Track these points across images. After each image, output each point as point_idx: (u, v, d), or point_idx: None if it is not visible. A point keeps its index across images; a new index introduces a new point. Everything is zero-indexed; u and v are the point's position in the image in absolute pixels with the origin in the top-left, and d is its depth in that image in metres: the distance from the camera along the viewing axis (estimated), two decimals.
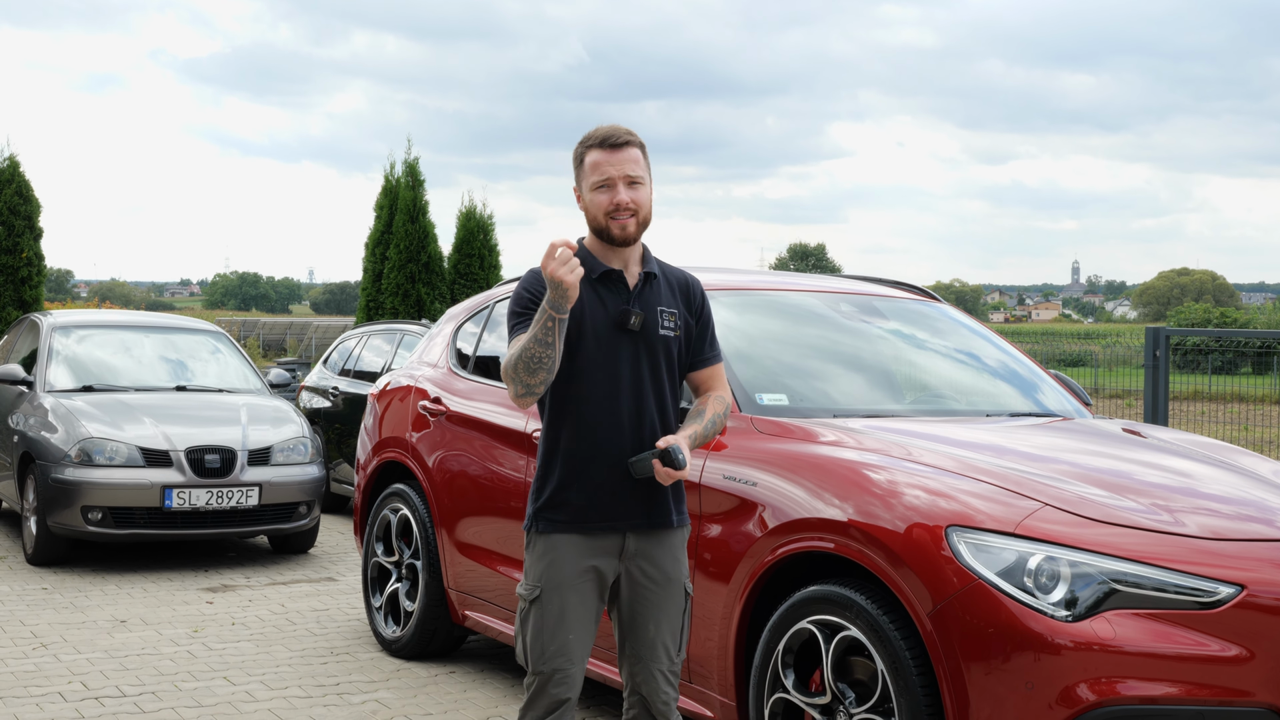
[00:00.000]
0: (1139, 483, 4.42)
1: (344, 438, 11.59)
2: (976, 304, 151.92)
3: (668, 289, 3.85)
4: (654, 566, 3.78)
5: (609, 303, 3.75)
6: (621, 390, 3.72)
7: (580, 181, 3.79)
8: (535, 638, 3.73)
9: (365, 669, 6.47)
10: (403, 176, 18.62)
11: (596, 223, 3.76)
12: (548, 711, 3.73)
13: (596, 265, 3.76)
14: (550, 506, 3.75)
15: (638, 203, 3.73)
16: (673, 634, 3.81)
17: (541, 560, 3.76)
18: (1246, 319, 50.35)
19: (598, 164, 3.73)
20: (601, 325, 3.73)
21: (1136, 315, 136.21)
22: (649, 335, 3.77)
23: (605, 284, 3.76)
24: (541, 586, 3.74)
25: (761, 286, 6.02)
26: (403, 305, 17.97)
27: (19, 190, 16.79)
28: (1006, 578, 3.88)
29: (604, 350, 3.72)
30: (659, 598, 3.79)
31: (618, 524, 3.74)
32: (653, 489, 3.75)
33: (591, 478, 3.72)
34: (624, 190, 3.72)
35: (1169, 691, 3.74)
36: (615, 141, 3.74)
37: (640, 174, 3.75)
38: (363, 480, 7.19)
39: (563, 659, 3.71)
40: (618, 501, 3.72)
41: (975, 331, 6.23)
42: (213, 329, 11.24)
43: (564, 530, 3.73)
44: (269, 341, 51.60)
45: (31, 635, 7.01)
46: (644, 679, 3.80)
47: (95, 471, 8.80)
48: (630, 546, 3.76)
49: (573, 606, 3.72)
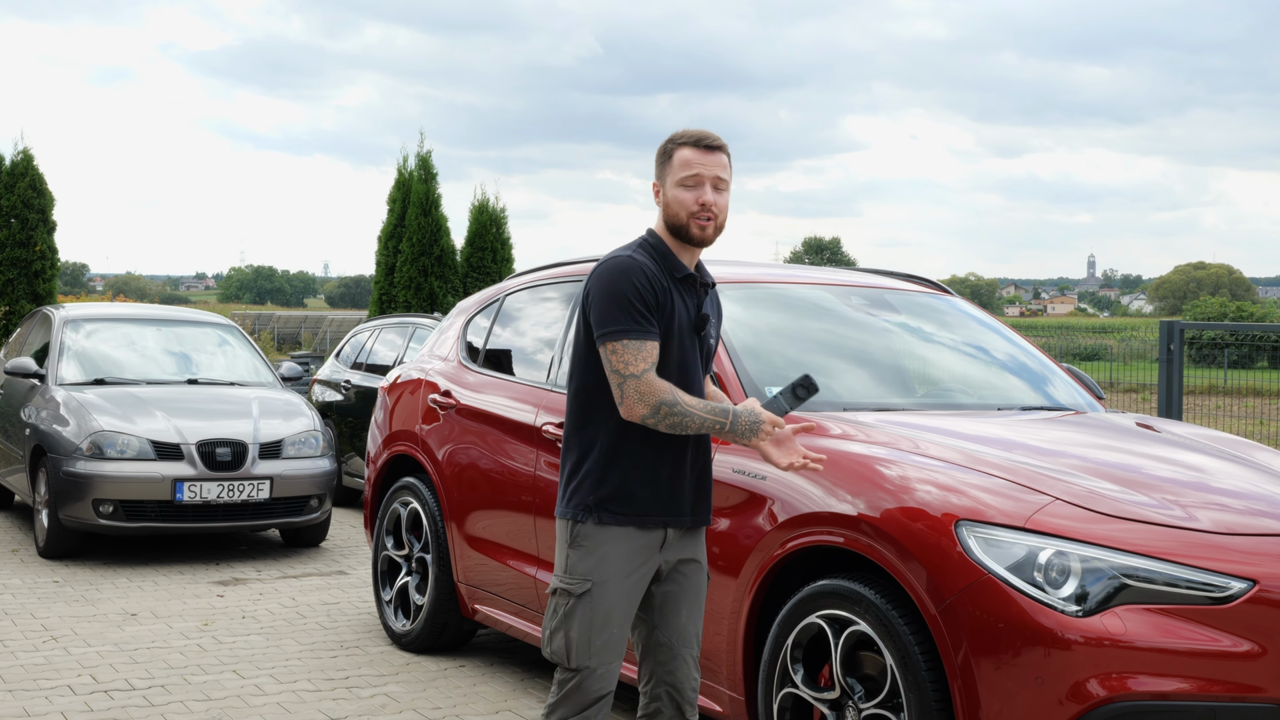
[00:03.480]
0: (1151, 477, 4.38)
1: (356, 431, 11.59)
2: (992, 298, 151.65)
3: (713, 295, 3.93)
4: (687, 554, 3.84)
5: (689, 305, 3.78)
6: (692, 391, 3.76)
7: (665, 177, 3.78)
8: (582, 632, 3.69)
9: (375, 662, 6.46)
10: (415, 170, 18.62)
11: (677, 220, 3.74)
12: (583, 707, 3.71)
13: (679, 266, 3.77)
14: (614, 498, 3.71)
15: (720, 207, 3.75)
16: (700, 620, 3.88)
17: (594, 554, 3.71)
18: (1263, 313, 50.20)
19: (689, 161, 3.73)
20: (684, 327, 3.76)
21: (1152, 309, 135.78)
22: (706, 341, 3.84)
23: (685, 286, 3.79)
24: (593, 580, 3.70)
25: (772, 280, 5.99)
26: (415, 299, 17.96)
27: (33, 184, 16.81)
28: (1017, 572, 3.85)
29: (683, 351, 3.77)
30: (691, 584, 3.85)
31: (672, 520, 3.77)
32: (698, 484, 3.82)
33: (658, 475, 3.73)
34: (711, 192, 3.73)
35: (1180, 687, 3.71)
36: (710, 143, 3.76)
37: (727, 180, 3.78)
38: (373, 473, 7.18)
39: (609, 653, 3.70)
40: (675, 499, 3.77)
41: (986, 325, 6.19)
42: (224, 322, 11.25)
43: (624, 524, 3.71)
44: (284, 335, 51.69)
45: (42, 628, 7.02)
46: (675, 666, 3.82)
47: (106, 465, 8.81)
48: (670, 538, 3.80)
49: (622, 602, 3.72)
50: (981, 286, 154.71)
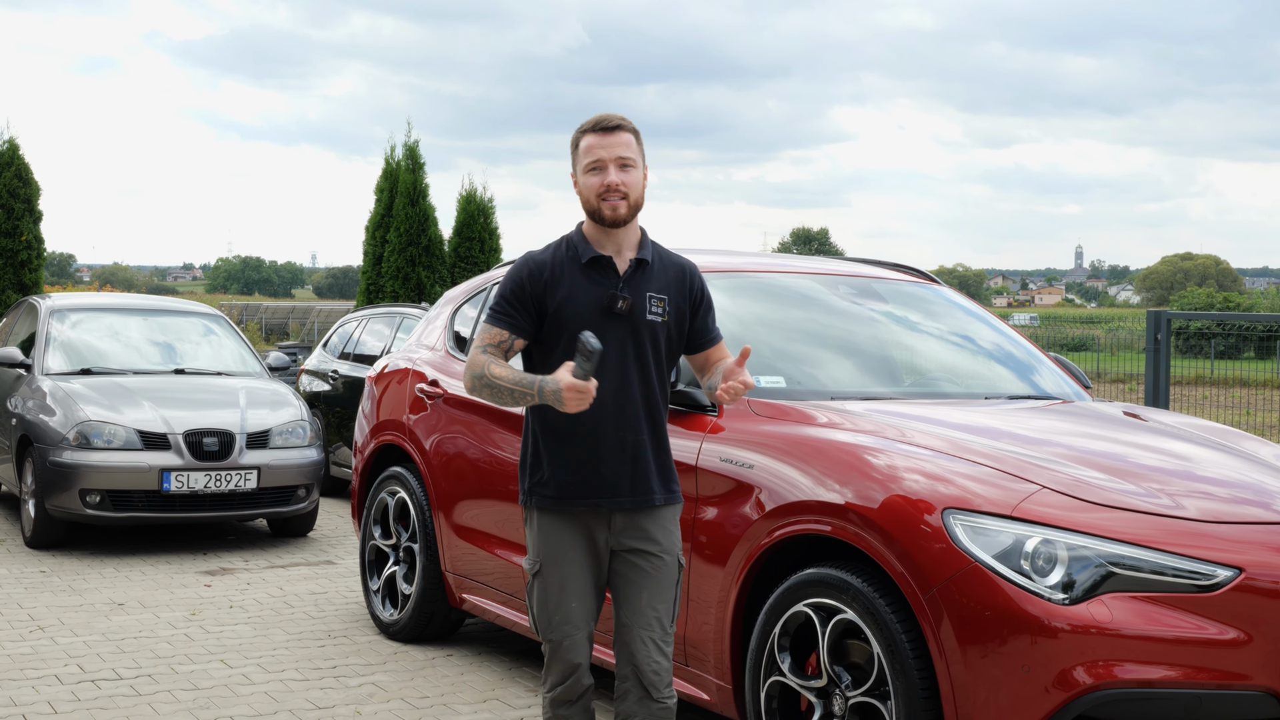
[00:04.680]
0: (1138, 466, 4.39)
1: (344, 421, 11.57)
2: (980, 288, 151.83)
3: (661, 274, 3.92)
4: (644, 538, 3.88)
5: (598, 287, 3.84)
6: (606, 372, 3.79)
7: (575, 166, 3.91)
8: (541, 608, 3.90)
9: (363, 652, 6.46)
10: (403, 160, 18.58)
11: (589, 205, 3.86)
12: (564, 676, 3.89)
13: (587, 250, 3.86)
14: (543, 484, 3.88)
15: (628, 185, 3.82)
16: (665, 605, 3.89)
17: (539, 535, 3.91)
18: (1250, 304, 50.26)
19: (591, 147, 3.85)
20: (589, 309, 3.82)
21: (1140, 300, 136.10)
22: (636, 320, 3.86)
23: (595, 269, 3.86)
24: (541, 560, 3.90)
25: (759, 269, 5.99)
26: (403, 289, 17.94)
27: (18, 173, 16.75)
28: (1003, 560, 3.86)
29: (597, 333, 3.75)
30: (651, 566, 3.88)
31: (601, 501, 3.84)
32: (636, 466, 3.85)
33: (576, 456, 3.83)
34: (615, 172, 3.81)
35: (1167, 675, 3.72)
36: (608, 125, 3.85)
37: (632, 157, 3.84)
38: (360, 463, 7.17)
39: (569, 626, 3.86)
40: (601, 479, 3.83)
41: (974, 314, 6.19)
42: (211, 312, 11.22)
43: (554, 507, 3.86)
44: (272, 326, 51.57)
45: (29, 618, 7.00)
46: (636, 647, 3.86)
47: (93, 454, 8.79)
48: (618, 522, 3.87)
49: (573, 577, 3.87)
50: (969, 277, 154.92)
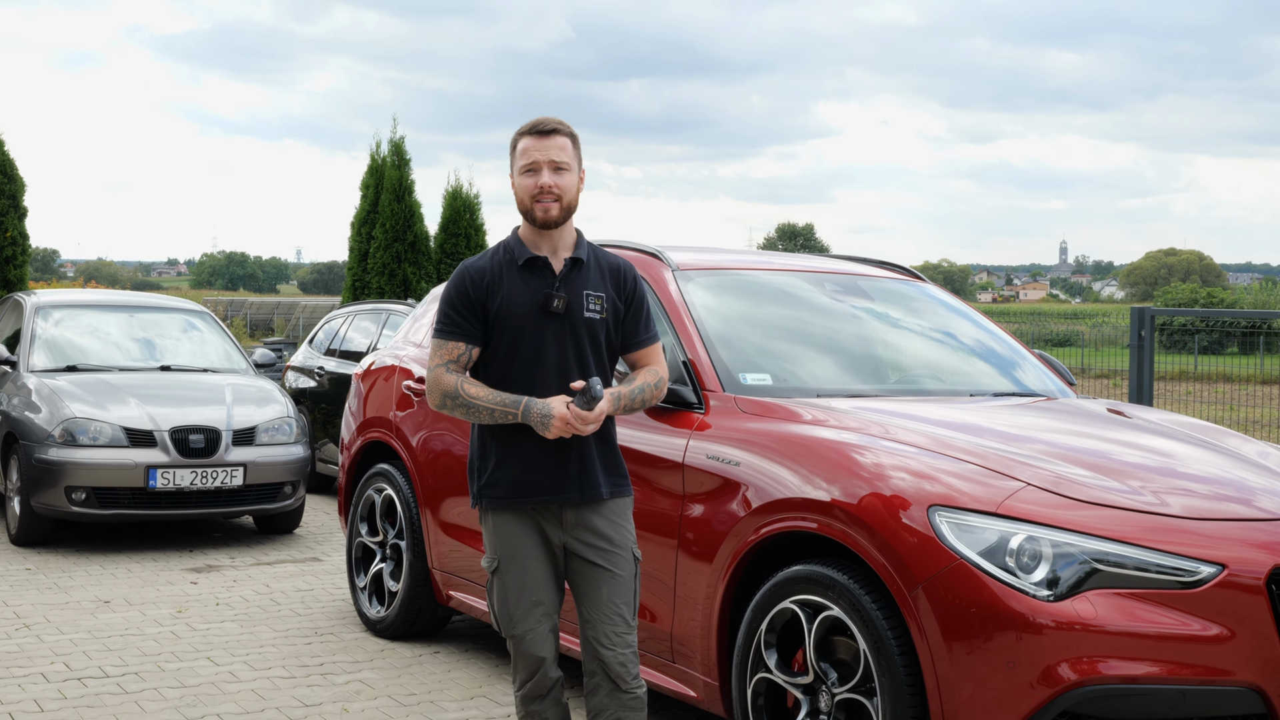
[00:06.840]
0: (1122, 463, 4.41)
1: (330, 418, 11.57)
2: (964, 284, 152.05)
3: (597, 273, 4.00)
4: (596, 534, 3.95)
5: (534, 287, 3.91)
6: (547, 371, 3.89)
7: (512, 167, 4.00)
8: (502, 605, 3.99)
9: (349, 649, 6.46)
10: (388, 155, 18.53)
11: (523, 205, 3.95)
12: (531, 672, 3.97)
13: (523, 252, 3.94)
14: (490, 485, 3.97)
15: (561, 188, 3.90)
16: (625, 599, 3.97)
17: (494, 534, 4.00)
18: (1233, 299, 50.40)
19: (526, 149, 3.94)
20: (526, 309, 3.90)
21: (1124, 295, 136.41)
22: (574, 318, 3.93)
23: (531, 270, 3.94)
24: (499, 558, 3.98)
25: (744, 266, 6.00)
26: (389, 285, 17.90)
27: (3, 168, 16.66)
28: (988, 557, 3.88)
29: (529, 333, 3.90)
30: (607, 562, 3.96)
31: (549, 499, 3.91)
32: (582, 463, 3.92)
33: (522, 455, 3.92)
34: (548, 174, 3.89)
35: (1150, 671, 3.75)
36: (544, 129, 3.94)
37: (566, 160, 3.93)
38: (347, 460, 7.18)
39: (530, 620, 3.95)
40: (547, 477, 3.91)
41: (959, 311, 6.21)
42: (197, 308, 11.20)
43: (503, 506, 3.94)
44: (256, 321, 51.45)
45: (15, 616, 6.99)
46: (601, 641, 3.93)
47: (79, 452, 8.77)
48: (569, 518, 3.95)
49: (531, 573, 3.96)
50: (954, 272, 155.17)
